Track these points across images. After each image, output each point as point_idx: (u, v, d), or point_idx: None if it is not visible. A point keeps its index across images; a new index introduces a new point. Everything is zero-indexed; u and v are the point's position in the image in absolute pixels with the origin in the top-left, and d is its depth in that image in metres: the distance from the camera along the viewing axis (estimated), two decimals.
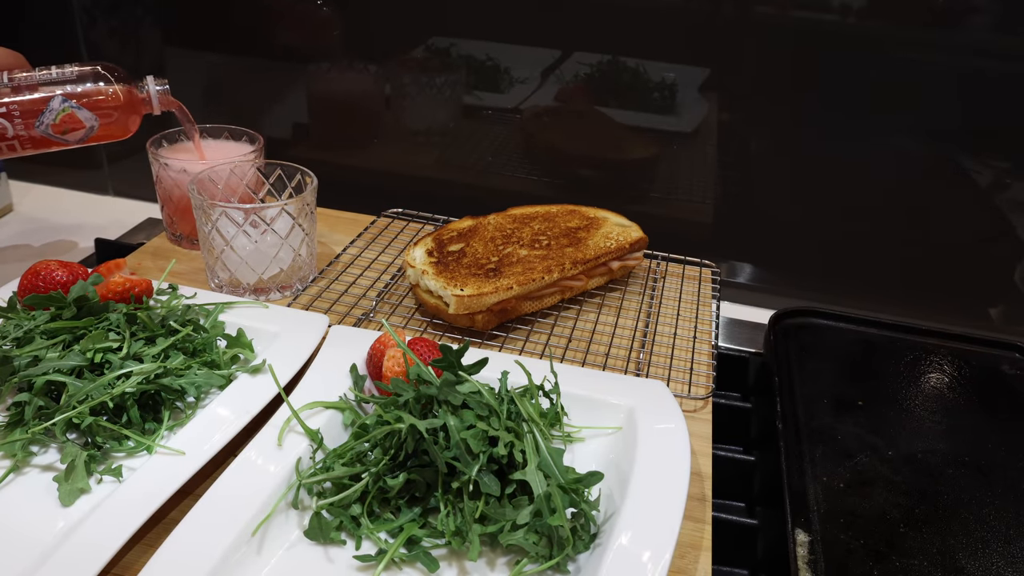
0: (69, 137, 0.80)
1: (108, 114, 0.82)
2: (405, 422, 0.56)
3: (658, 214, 1.08)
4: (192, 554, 0.51)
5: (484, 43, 1.05)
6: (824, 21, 0.92)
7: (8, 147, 0.80)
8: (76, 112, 0.79)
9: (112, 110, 0.82)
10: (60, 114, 0.78)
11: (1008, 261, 1.00)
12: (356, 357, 0.69)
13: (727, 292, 0.98)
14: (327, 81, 1.13)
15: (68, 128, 0.80)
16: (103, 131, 0.83)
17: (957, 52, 0.91)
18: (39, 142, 0.81)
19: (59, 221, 1.11)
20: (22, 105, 0.78)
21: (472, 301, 0.78)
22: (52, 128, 0.79)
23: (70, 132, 0.80)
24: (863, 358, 0.83)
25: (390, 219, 1.05)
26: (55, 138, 0.80)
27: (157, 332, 0.68)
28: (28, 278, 0.71)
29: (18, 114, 0.78)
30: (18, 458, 0.60)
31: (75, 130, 0.80)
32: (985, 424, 0.75)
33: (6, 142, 0.79)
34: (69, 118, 0.79)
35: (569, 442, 0.65)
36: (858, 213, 1.02)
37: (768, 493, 0.70)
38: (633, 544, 0.52)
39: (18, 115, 0.78)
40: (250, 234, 0.81)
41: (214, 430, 0.61)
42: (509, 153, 1.12)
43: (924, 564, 0.60)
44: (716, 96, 1.01)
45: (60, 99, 0.78)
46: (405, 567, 0.55)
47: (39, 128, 0.79)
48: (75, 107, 0.79)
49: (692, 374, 0.78)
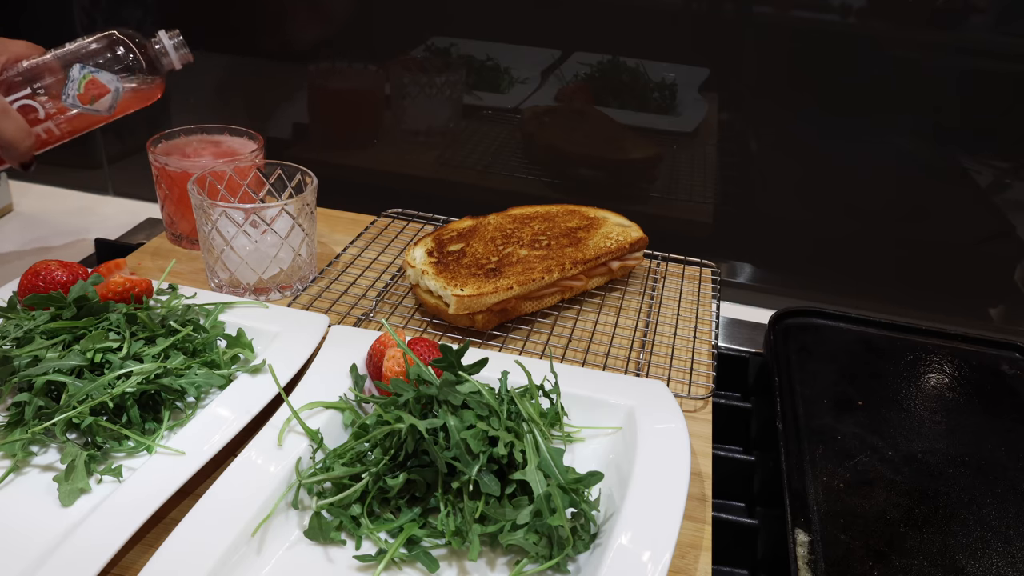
0: (98, 106, 0.79)
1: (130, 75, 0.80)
2: (405, 422, 0.56)
3: (658, 214, 1.08)
4: (192, 554, 0.51)
5: (484, 43, 1.05)
6: (824, 21, 0.92)
7: (46, 131, 0.79)
8: (96, 75, 0.77)
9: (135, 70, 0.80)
10: (82, 81, 0.77)
11: (1008, 261, 1.00)
12: (356, 357, 0.69)
13: (727, 292, 0.98)
14: (327, 81, 1.13)
15: (94, 95, 0.78)
16: (132, 96, 0.81)
17: (957, 52, 0.91)
18: (73, 119, 0.79)
19: (59, 221, 1.11)
20: (47, 86, 0.77)
21: (472, 301, 0.78)
22: (79, 99, 0.78)
23: (97, 99, 0.79)
24: (863, 358, 0.83)
25: (390, 219, 1.05)
26: (86, 109, 0.79)
27: (157, 332, 0.68)
28: (28, 278, 0.71)
29: (43, 93, 0.77)
30: (18, 458, 0.60)
31: (101, 95, 0.79)
32: (985, 424, 0.75)
33: (42, 126, 0.78)
34: (92, 84, 0.78)
35: (569, 442, 0.65)
36: (858, 213, 1.02)
37: (768, 493, 0.70)
38: (633, 544, 0.52)
39: (44, 95, 0.77)
40: (250, 234, 0.81)
41: (214, 430, 0.61)
42: (509, 153, 1.12)
43: (924, 564, 0.60)
44: (716, 96, 1.01)
45: (78, 67, 0.77)
46: (405, 567, 0.55)
47: (67, 101, 0.78)
48: (94, 71, 0.77)
49: (692, 374, 0.78)
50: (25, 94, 0.77)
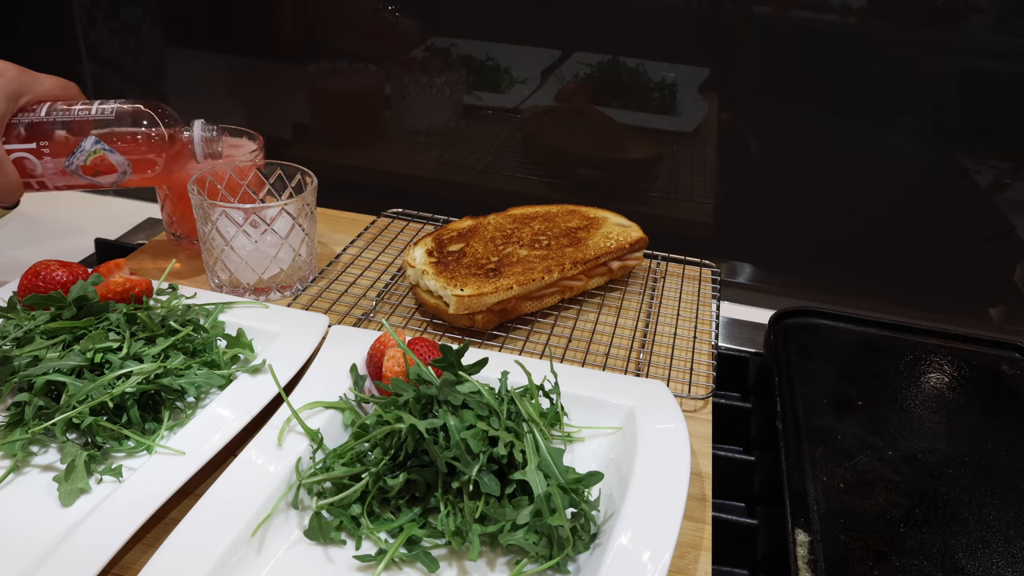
0: (100, 180, 0.76)
1: (145, 159, 0.77)
2: (405, 422, 0.56)
3: (658, 214, 1.08)
4: (192, 554, 0.51)
5: (484, 43, 1.06)
6: (824, 21, 0.92)
7: (38, 184, 0.76)
8: (108, 155, 0.74)
9: (150, 155, 0.76)
10: (91, 155, 0.74)
11: (1008, 261, 1.00)
12: (356, 357, 0.69)
13: (727, 292, 0.97)
14: (327, 81, 1.13)
15: (99, 170, 0.75)
16: (140, 176, 0.78)
17: (957, 52, 0.91)
18: (69, 181, 0.76)
19: (59, 221, 1.11)
20: (53, 144, 0.74)
21: (472, 301, 0.78)
22: (82, 169, 0.75)
23: (101, 175, 0.76)
24: (863, 358, 0.83)
25: (390, 219, 1.05)
26: (85, 179, 0.75)
27: (157, 332, 0.68)
28: (28, 278, 0.71)
29: (48, 151, 0.74)
30: (18, 458, 0.60)
31: (106, 173, 0.76)
32: (985, 424, 0.75)
33: (35, 179, 0.75)
34: (100, 160, 0.74)
35: (569, 442, 0.65)
36: (858, 213, 1.02)
37: (768, 493, 0.70)
38: (633, 544, 0.52)
39: (48, 152, 0.74)
40: (250, 234, 0.81)
41: (214, 430, 0.61)
42: (509, 153, 1.12)
43: (924, 564, 0.60)
44: (716, 96, 1.01)
45: (92, 140, 0.74)
46: (405, 567, 0.55)
47: (68, 167, 0.75)
48: (107, 150, 0.74)
49: (692, 374, 0.78)
50: (29, 148, 0.74)
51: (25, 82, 0.74)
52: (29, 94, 0.74)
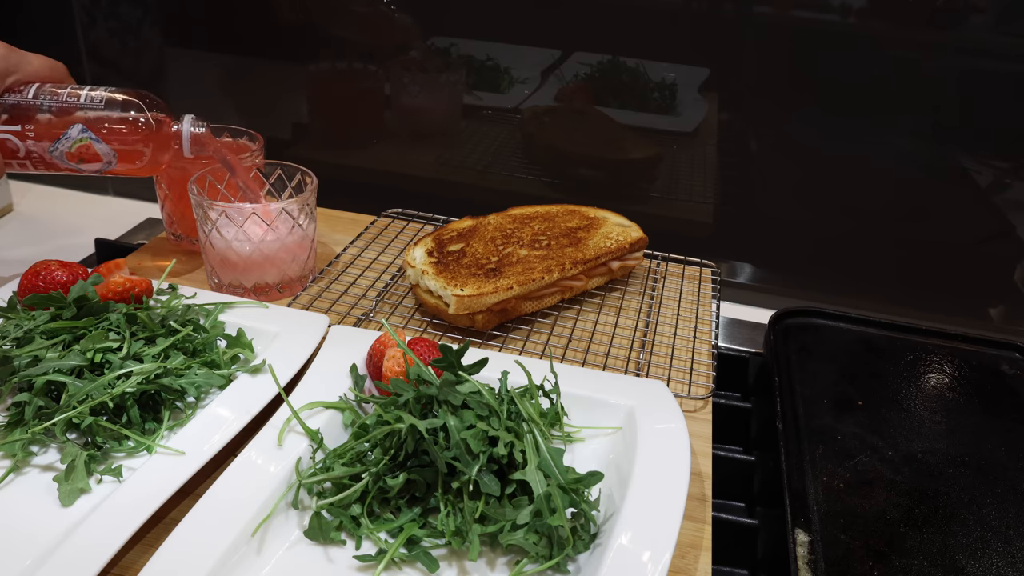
0: (84, 167, 0.75)
1: (132, 149, 0.76)
2: (405, 422, 0.56)
3: (658, 214, 1.08)
4: (192, 554, 0.51)
5: (484, 43, 1.05)
6: (824, 21, 0.92)
7: (20, 164, 0.75)
8: (94, 144, 0.73)
9: (137, 145, 0.76)
10: (77, 143, 0.73)
11: (1008, 261, 1.00)
12: (356, 357, 0.69)
13: (727, 292, 0.98)
14: (327, 81, 1.13)
15: (83, 158, 0.74)
16: (126, 166, 0.77)
17: (957, 52, 0.91)
18: (51, 164, 0.76)
19: (59, 221, 1.11)
20: (39, 127, 0.73)
21: (472, 301, 0.78)
22: (67, 156, 0.74)
23: (85, 162, 0.75)
24: (863, 358, 0.83)
25: (390, 219, 1.05)
26: (68, 165, 0.75)
27: (157, 332, 0.68)
28: (28, 278, 0.71)
29: (32, 135, 0.73)
30: (18, 458, 0.60)
31: (90, 161, 0.75)
32: (985, 424, 0.75)
33: (17, 160, 0.74)
34: (85, 149, 0.74)
35: (569, 442, 0.65)
36: (858, 213, 1.02)
37: (768, 493, 0.70)
38: (633, 544, 0.52)
39: (32, 136, 0.73)
40: (250, 234, 0.81)
41: (214, 430, 0.61)
42: (509, 153, 1.12)
43: (924, 564, 0.60)
44: (716, 96, 1.01)
45: (79, 128, 0.73)
46: (405, 567, 0.55)
47: (52, 153, 0.74)
48: (93, 139, 0.73)
49: (692, 374, 0.78)
50: (13, 130, 0.73)
51: (13, 61, 0.73)
52: (17, 73, 0.73)
